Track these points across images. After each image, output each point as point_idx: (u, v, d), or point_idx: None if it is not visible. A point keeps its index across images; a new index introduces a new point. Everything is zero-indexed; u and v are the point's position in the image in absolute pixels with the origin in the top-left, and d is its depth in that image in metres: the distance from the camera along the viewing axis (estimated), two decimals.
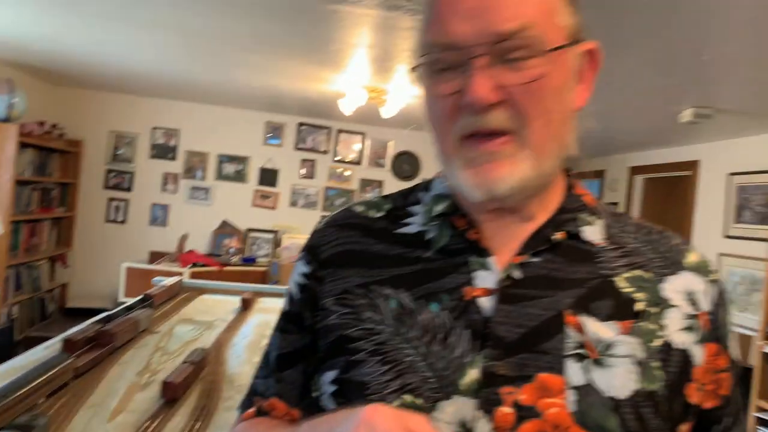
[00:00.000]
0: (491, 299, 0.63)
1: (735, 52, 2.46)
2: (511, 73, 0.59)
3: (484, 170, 0.61)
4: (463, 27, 0.58)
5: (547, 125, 0.61)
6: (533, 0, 0.60)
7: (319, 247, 0.73)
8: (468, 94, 0.58)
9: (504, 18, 0.58)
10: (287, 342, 0.74)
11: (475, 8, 0.58)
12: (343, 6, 2.46)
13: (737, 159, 4.35)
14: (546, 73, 0.59)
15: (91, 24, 3.22)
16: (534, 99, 0.60)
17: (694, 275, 0.67)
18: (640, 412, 0.60)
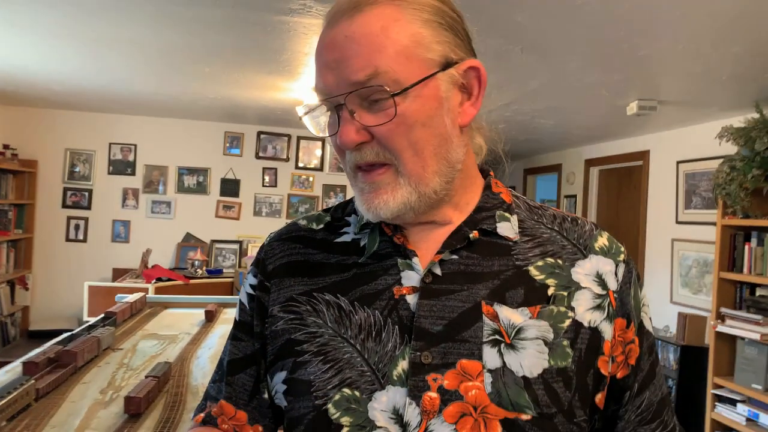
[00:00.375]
0: (416, 296, 0.69)
1: (669, 47, 2.58)
2: (372, 115, 0.66)
3: (370, 197, 0.69)
4: (330, 78, 0.66)
5: (417, 154, 0.67)
6: (383, 47, 0.64)
7: (266, 260, 0.80)
8: (338, 138, 0.67)
9: (356, 68, 0.64)
10: (238, 349, 0.80)
11: (335, 60, 0.65)
12: (290, 17, 2.50)
13: (684, 148, 4.52)
14: (403, 111, 0.65)
15: (39, 42, 3.19)
16: (395, 135, 0.66)
17: (603, 258, 0.74)
18: (552, 387, 0.66)
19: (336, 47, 0.65)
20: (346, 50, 0.64)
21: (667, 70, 2.97)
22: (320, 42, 0.68)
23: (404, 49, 0.65)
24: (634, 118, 4.05)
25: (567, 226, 0.77)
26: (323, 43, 0.67)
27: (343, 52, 0.65)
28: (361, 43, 0.64)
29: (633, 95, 3.56)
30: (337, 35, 0.65)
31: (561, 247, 0.74)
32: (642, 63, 2.85)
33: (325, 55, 0.66)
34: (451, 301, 0.69)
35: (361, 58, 0.64)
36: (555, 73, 3.17)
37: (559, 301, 0.70)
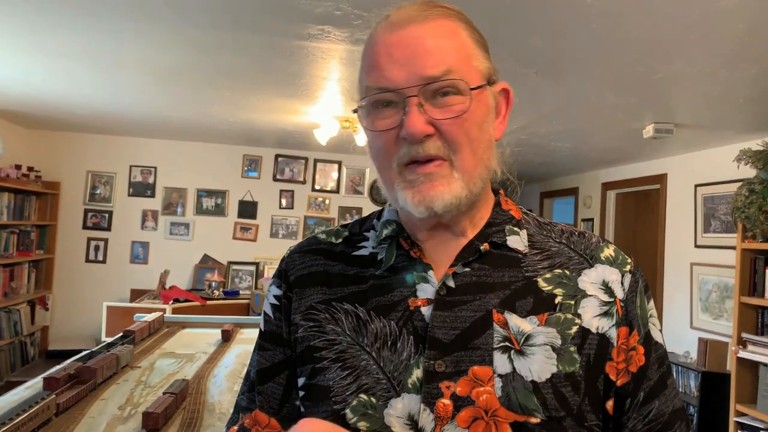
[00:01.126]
0: (431, 308, 0.73)
1: (684, 70, 2.59)
2: (439, 109, 0.70)
3: (424, 189, 0.70)
4: (398, 72, 0.69)
5: (473, 152, 0.72)
6: (454, 48, 0.71)
7: (288, 271, 0.83)
8: (406, 128, 0.69)
9: (431, 64, 0.69)
10: (265, 358, 0.83)
11: (408, 56, 0.69)
12: (310, 41, 2.55)
13: (702, 171, 4.50)
14: (467, 109, 0.70)
15: (62, 66, 3.28)
16: (460, 130, 0.70)
17: (609, 267, 0.77)
18: (560, 391, 0.69)
19: (407, 45, 0.69)
20: (418, 48, 0.69)
21: (682, 92, 2.98)
22: (383, 41, 0.71)
23: (467, 57, 0.72)
24: (650, 141, 4.05)
25: (574, 239, 0.80)
26: (390, 41, 0.70)
27: (414, 49, 0.69)
28: (434, 44, 0.70)
29: (649, 118, 3.57)
30: (407, 35, 0.70)
31: (568, 258, 0.78)
32: (657, 86, 2.86)
33: (395, 51, 0.70)
34: (463, 312, 0.72)
35: (434, 57, 0.69)
36: (570, 95, 3.19)
37: (565, 309, 0.73)
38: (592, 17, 2.08)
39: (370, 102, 0.72)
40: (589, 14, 2.05)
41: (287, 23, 2.34)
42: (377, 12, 2.19)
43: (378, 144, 0.73)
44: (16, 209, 5.18)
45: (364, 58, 0.75)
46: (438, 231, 0.77)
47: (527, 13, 2.09)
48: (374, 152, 0.75)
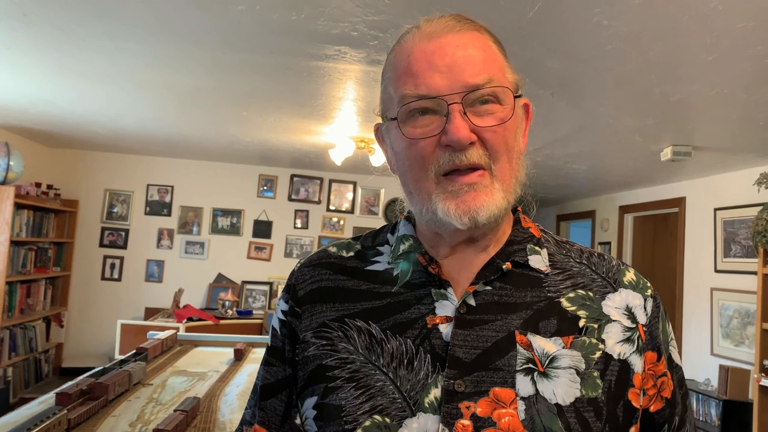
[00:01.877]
0: (450, 325, 0.71)
1: (702, 92, 2.57)
2: (480, 117, 0.69)
3: (468, 199, 0.69)
4: (440, 80, 0.69)
5: (509, 162, 0.72)
6: (493, 58, 0.72)
7: (296, 286, 0.81)
8: (451, 135, 0.67)
9: (473, 72, 0.69)
10: (270, 374, 0.82)
11: (450, 64, 0.69)
12: (326, 62, 2.58)
13: (721, 194, 4.44)
14: (506, 118, 0.70)
15: (84, 87, 3.34)
16: (501, 139, 0.70)
17: (632, 292, 0.76)
18: (583, 416, 0.67)
19: (447, 53, 0.69)
20: (458, 57, 0.69)
21: (701, 115, 2.95)
22: (420, 50, 0.71)
23: (503, 68, 0.73)
24: (668, 164, 4.01)
25: (595, 260, 0.79)
26: (429, 49, 0.70)
27: (454, 58, 0.69)
28: (475, 53, 0.70)
29: (667, 141, 3.54)
30: (447, 44, 0.70)
31: (591, 280, 0.77)
32: (675, 108, 2.84)
33: (435, 59, 0.69)
34: (485, 331, 0.70)
35: (477, 66, 0.70)
36: (587, 117, 3.18)
37: (590, 333, 0.72)
38: (609, 39, 2.07)
39: (407, 110, 0.70)
40: (606, 36, 2.05)
41: (304, 44, 2.37)
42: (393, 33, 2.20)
43: (414, 152, 0.71)
44: (35, 226, 5.25)
45: (394, 68, 0.74)
46: (460, 247, 0.75)
47: (544, 35, 2.09)
48: (410, 161, 0.72)
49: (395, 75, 0.73)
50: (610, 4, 1.80)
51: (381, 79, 0.78)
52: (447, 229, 0.72)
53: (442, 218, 0.70)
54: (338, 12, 2.02)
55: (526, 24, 1.98)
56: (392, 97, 0.73)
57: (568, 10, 1.88)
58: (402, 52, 0.73)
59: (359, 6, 1.97)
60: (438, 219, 0.71)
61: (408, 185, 0.74)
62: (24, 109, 4.03)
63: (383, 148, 0.81)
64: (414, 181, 0.72)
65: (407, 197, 0.75)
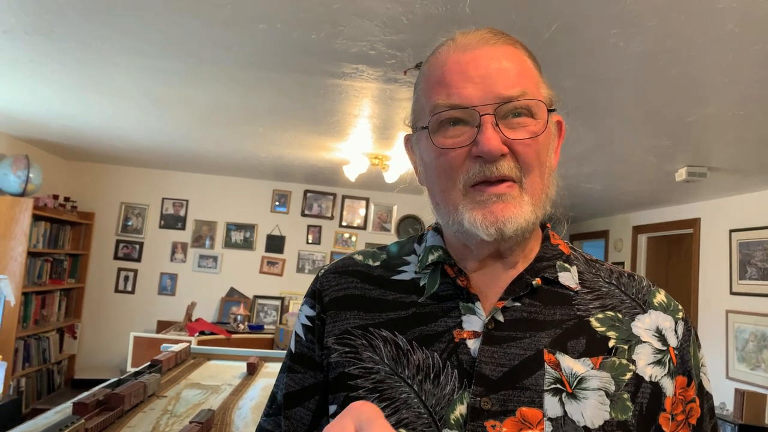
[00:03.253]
0: (477, 341, 0.69)
1: (717, 113, 2.57)
2: (512, 130, 0.69)
3: (495, 209, 0.68)
4: (473, 90, 0.68)
5: (540, 176, 0.71)
6: (527, 72, 0.71)
7: (322, 292, 0.80)
8: (482, 146, 0.67)
9: (507, 85, 0.68)
10: (294, 381, 0.79)
11: (484, 76, 0.68)
12: (343, 80, 2.61)
13: (737, 216, 4.41)
14: (539, 132, 0.69)
15: (104, 101, 3.40)
16: (532, 152, 0.69)
17: (662, 314, 0.75)
18: None
19: (481, 65, 0.69)
20: (492, 69, 0.69)
21: (716, 136, 2.95)
22: (454, 60, 0.70)
23: (537, 82, 0.73)
24: (683, 185, 4.00)
25: (624, 281, 0.77)
26: (463, 60, 0.70)
27: (488, 70, 0.69)
28: (509, 66, 0.70)
29: (682, 161, 3.53)
30: (481, 56, 0.69)
31: (620, 301, 0.75)
32: (690, 129, 2.84)
33: (469, 70, 0.69)
34: (512, 349, 0.69)
35: (511, 78, 0.69)
36: (601, 137, 3.18)
37: (620, 354, 0.70)
38: (624, 60, 2.09)
39: (438, 120, 0.69)
40: (622, 57, 2.06)
41: (323, 62, 2.40)
42: (410, 52, 2.22)
43: (444, 162, 0.70)
44: (52, 238, 5.31)
45: (427, 79, 0.73)
46: (488, 261, 0.74)
47: (560, 55, 2.11)
48: (438, 171, 0.71)
49: (428, 85, 0.72)
50: (627, 25, 1.82)
51: (413, 89, 0.78)
52: (474, 240, 0.71)
53: (469, 228, 0.69)
54: (357, 31, 2.06)
55: (543, 44, 2.00)
56: (424, 107, 0.72)
57: (585, 31, 1.90)
58: (436, 63, 0.72)
59: (378, 26, 2.00)
60: (464, 230, 0.69)
61: (435, 196, 0.73)
62: (45, 122, 4.11)
63: (411, 158, 0.80)
64: (441, 192, 0.71)
65: (434, 208, 0.74)
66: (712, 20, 1.74)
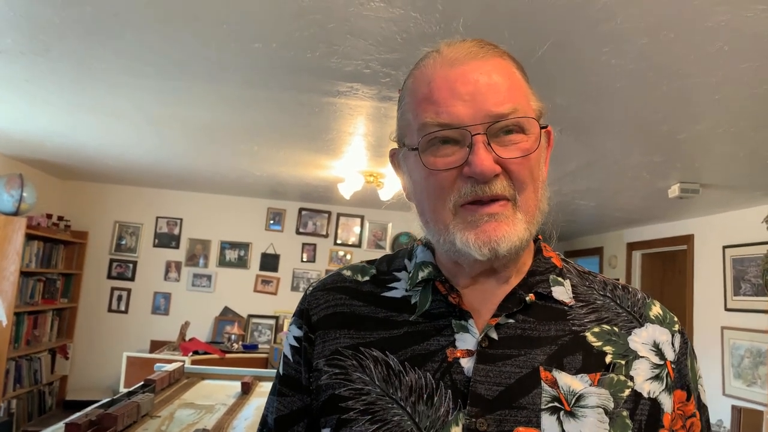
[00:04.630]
0: (472, 359, 0.68)
1: (709, 130, 2.60)
2: (504, 148, 0.67)
3: (488, 229, 0.66)
4: (463, 109, 0.66)
5: (534, 192, 0.70)
6: (517, 86, 0.70)
7: (310, 311, 0.78)
8: (475, 167, 0.65)
9: (498, 101, 0.66)
10: (284, 405, 0.78)
11: (473, 93, 0.66)
12: (338, 98, 2.63)
13: (730, 232, 4.43)
14: (531, 149, 0.68)
15: (99, 120, 3.40)
16: (525, 170, 0.68)
17: (659, 327, 0.74)
18: None
19: (470, 81, 0.67)
20: (481, 85, 0.67)
21: (708, 153, 2.98)
22: (441, 77, 0.68)
23: (527, 96, 0.71)
24: (676, 201, 4.02)
25: (619, 293, 0.76)
26: (451, 76, 0.67)
27: (478, 86, 0.67)
28: (499, 81, 0.68)
29: (674, 178, 3.55)
30: (470, 71, 0.67)
31: (616, 314, 0.74)
32: (682, 146, 2.86)
33: (458, 87, 0.67)
34: (507, 367, 0.67)
35: (501, 94, 0.67)
36: (594, 154, 3.20)
37: (618, 369, 0.69)
38: (616, 77, 2.11)
39: (427, 139, 0.67)
40: (614, 74, 2.09)
41: (318, 81, 2.42)
42: (405, 70, 2.24)
43: (434, 182, 0.68)
44: (45, 257, 5.28)
45: (413, 94, 0.71)
46: (480, 277, 0.72)
47: (553, 73, 2.13)
48: (428, 191, 0.69)
49: (415, 101, 0.70)
50: (618, 43, 1.85)
51: (398, 103, 0.76)
52: (466, 259, 0.69)
53: (461, 248, 0.67)
54: (352, 50, 2.08)
55: (536, 62, 2.02)
56: (411, 124, 0.70)
57: (577, 49, 1.92)
58: (422, 78, 0.70)
59: (372, 45, 2.02)
60: (456, 249, 0.68)
61: (425, 215, 0.71)
62: (39, 141, 4.11)
63: (399, 174, 0.78)
64: (431, 211, 0.70)
65: (424, 226, 0.73)
66: (702, 39, 1.77)
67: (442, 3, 1.70)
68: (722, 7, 1.59)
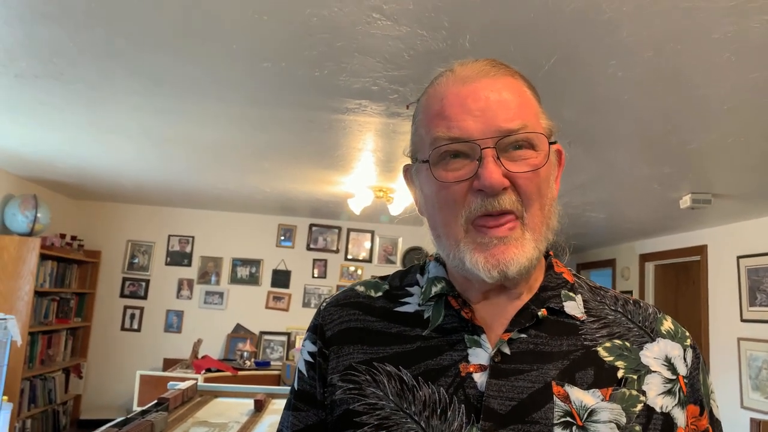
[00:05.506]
0: (484, 374, 0.68)
1: (719, 140, 2.59)
2: (514, 162, 0.68)
3: (498, 252, 0.67)
4: (473, 124, 0.68)
5: (541, 209, 0.70)
6: (527, 104, 0.71)
7: (324, 326, 0.78)
8: (484, 179, 0.66)
9: (507, 117, 0.68)
10: (299, 419, 0.78)
11: (484, 108, 0.68)
12: (347, 115, 2.65)
13: (744, 242, 4.39)
14: (540, 165, 0.69)
15: (112, 141, 3.45)
16: (533, 185, 0.69)
17: (671, 342, 0.74)
18: None
19: (481, 97, 0.69)
20: (492, 102, 0.69)
21: (718, 163, 2.96)
22: (453, 93, 0.70)
23: (537, 114, 0.73)
24: (688, 212, 4.00)
25: (630, 308, 0.77)
26: (463, 93, 0.70)
27: (488, 103, 0.69)
28: (509, 98, 0.70)
29: (685, 188, 3.54)
30: (481, 88, 0.70)
31: (627, 329, 0.74)
32: (692, 156, 2.85)
33: (469, 102, 0.69)
34: (520, 382, 0.68)
35: (511, 110, 0.69)
36: (604, 166, 3.20)
37: (630, 384, 0.69)
38: (624, 89, 2.12)
39: (438, 153, 0.69)
40: (621, 86, 2.09)
41: (327, 99, 2.44)
42: (413, 87, 2.26)
43: (445, 195, 0.69)
44: (58, 277, 5.32)
45: (426, 110, 0.73)
46: (492, 292, 0.73)
47: (560, 86, 2.14)
48: (440, 204, 0.71)
49: (427, 117, 0.72)
50: (624, 55, 1.85)
51: (412, 120, 0.78)
52: (475, 277, 0.70)
53: (470, 269, 0.68)
54: (360, 68, 2.10)
55: (543, 76, 2.03)
56: (423, 139, 0.72)
57: (584, 62, 1.93)
58: (435, 95, 0.72)
59: (380, 62, 2.04)
60: (465, 269, 0.69)
61: (437, 228, 0.73)
62: (53, 162, 4.17)
63: (411, 189, 0.80)
64: (443, 225, 0.71)
65: (435, 240, 0.74)
66: (708, 50, 1.77)
67: (448, 20, 1.71)
68: (728, 18, 1.59)
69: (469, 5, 1.63)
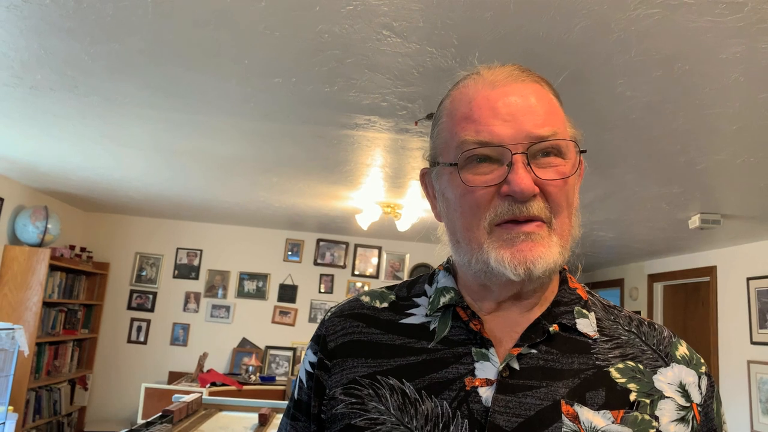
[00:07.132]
0: (491, 389, 0.66)
1: (728, 161, 2.58)
2: (543, 169, 0.67)
3: (524, 248, 0.66)
4: (503, 128, 0.67)
5: (568, 217, 0.69)
6: (555, 111, 0.71)
7: (327, 337, 0.77)
8: (515, 185, 0.65)
9: (537, 123, 0.67)
10: (296, 429, 0.78)
11: (515, 114, 0.67)
12: (356, 131, 2.67)
13: (754, 263, 4.35)
14: (569, 173, 0.69)
15: (123, 154, 3.49)
16: (562, 193, 0.68)
17: (685, 368, 0.72)
18: None
19: (512, 103, 0.68)
20: (522, 107, 0.68)
21: (727, 183, 2.95)
22: (483, 96, 0.69)
23: (564, 122, 0.72)
24: (697, 232, 3.98)
25: (645, 330, 0.75)
26: (492, 96, 0.69)
27: (518, 107, 0.68)
28: (539, 104, 0.69)
29: (694, 209, 3.52)
30: (510, 92, 0.69)
31: (641, 351, 0.72)
32: (701, 176, 2.85)
33: (500, 107, 0.68)
34: (528, 398, 0.66)
35: (540, 117, 0.68)
36: (613, 185, 3.20)
37: (642, 408, 0.67)
38: (632, 109, 2.12)
39: (466, 157, 0.68)
40: (630, 106, 2.10)
41: (336, 114, 2.47)
42: (421, 103, 2.27)
43: (470, 200, 0.68)
44: (67, 288, 5.35)
45: (452, 113, 0.72)
46: (504, 304, 0.71)
47: (568, 105, 2.13)
48: (463, 208, 0.69)
49: (453, 120, 0.70)
50: (633, 75, 1.86)
51: (432, 124, 0.76)
52: (498, 280, 0.68)
53: (495, 268, 0.66)
54: (369, 84, 2.12)
55: None
56: (448, 143, 0.71)
57: (592, 81, 1.94)
58: (462, 98, 0.71)
59: (389, 78, 2.06)
60: (490, 269, 0.67)
61: (456, 233, 0.70)
62: (64, 174, 4.21)
63: (428, 194, 0.78)
64: (464, 229, 0.69)
65: (453, 246, 0.72)
66: (717, 70, 1.78)
67: (457, 38, 1.73)
68: (735, 39, 1.60)
69: (478, 23, 1.65)
